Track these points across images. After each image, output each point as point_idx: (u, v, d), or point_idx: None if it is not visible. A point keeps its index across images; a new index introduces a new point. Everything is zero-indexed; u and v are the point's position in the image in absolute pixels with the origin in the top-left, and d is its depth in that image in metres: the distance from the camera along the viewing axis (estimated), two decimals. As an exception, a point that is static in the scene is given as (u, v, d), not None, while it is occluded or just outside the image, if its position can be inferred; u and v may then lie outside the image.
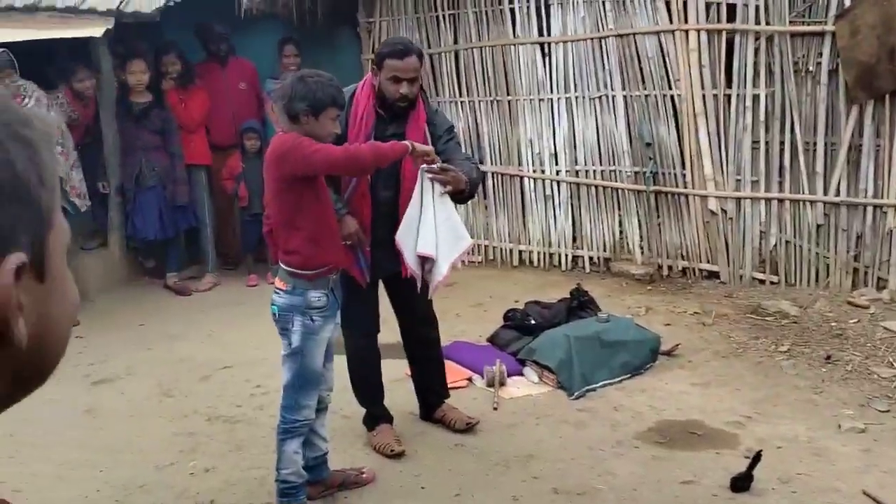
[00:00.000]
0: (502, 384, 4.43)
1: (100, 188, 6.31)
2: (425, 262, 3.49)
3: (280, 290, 3.13)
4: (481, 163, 6.48)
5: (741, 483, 3.39)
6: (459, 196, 3.49)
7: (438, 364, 4.11)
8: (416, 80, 3.53)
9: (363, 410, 3.93)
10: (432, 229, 3.42)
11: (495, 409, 4.20)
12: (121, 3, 5.81)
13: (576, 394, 4.32)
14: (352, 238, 3.51)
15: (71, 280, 0.71)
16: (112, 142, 6.21)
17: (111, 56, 6.18)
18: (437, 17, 6.73)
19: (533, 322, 5.04)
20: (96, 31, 5.68)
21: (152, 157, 6.17)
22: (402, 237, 3.50)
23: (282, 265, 3.14)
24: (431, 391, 4.08)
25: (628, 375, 4.54)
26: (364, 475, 3.46)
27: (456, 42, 6.74)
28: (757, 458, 3.40)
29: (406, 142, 3.28)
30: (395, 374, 4.62)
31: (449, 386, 4.44)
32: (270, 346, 5.12)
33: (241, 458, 3.74)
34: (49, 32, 5.62)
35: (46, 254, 0.65)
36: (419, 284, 3.56)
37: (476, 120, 6.64)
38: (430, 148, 3.41)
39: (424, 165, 3.38)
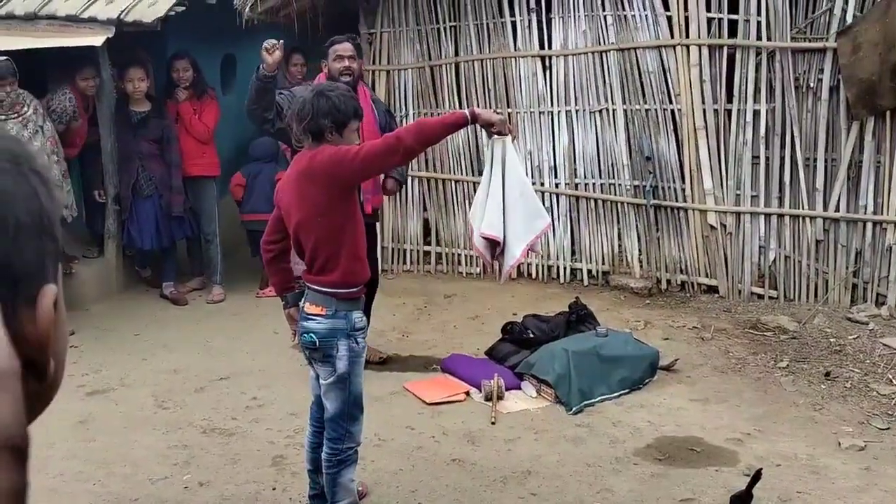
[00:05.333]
0: (500, 398, 4.40)
1: (96, 196, 6.29)
2: (496, 245, 3.26)
3: (317, 315, 2.99)
4: (480, 174, 6.46)
5: (740, 501, 3.35)
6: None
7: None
8: (354, 59, 4.64)
9: None
10: (499, 208, 3.18)
11: (493, 423, 4.17)
12: (122, 12, 5.79)
13: (574, 409, 4.29)
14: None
15: (63, 309, 0.69)
16: (110, 150, 6.19)
17: (110, 65, 6.16)
18: (439, 28, 6.73)
19: (531, 335, 5.01)
20: (97, 39, 5.67)
21: (149, 167, 6.15)
22: (472, 218, 3.32)
23: (317, 288, 3.01)
24: None
25: (627, 390, 4.52)
26: (359, 489, 3.42)
27: (457, 54, 6.73)
28: (757, 476, 3.37)
29: (465, 111, 3.12)
30: (394, 387, 4.60)
31: (446, 399, 4.43)
32: (267, 357, 5.11)
33: (235, 472, 3.70)
34: (49, 41, 5.62)
35: (60, 286, 0.64)
36: (490, 270, 3.44)
37: (476, 131, 6.63)
38: (499, 116, 3.22)
39: (496, 137, 3.20)
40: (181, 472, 3.72)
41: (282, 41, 4.44)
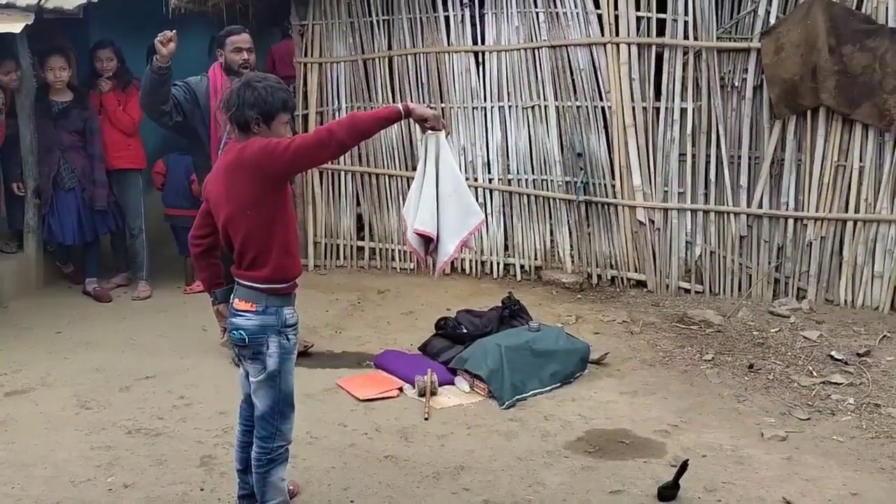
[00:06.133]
0: (433, 394, 4.39)
1: (14, 189, 6.05)
2: (430, 241, 3.24)
3: (246, 311, 2.93)
4: (413, 169, 6.48)
5: (668, 492, 3.42)
6: None
7: None
8: (252, 50, 4.67)
9: None
10: (432, 204, 3.17)
11: (426, 419, 4.17)
12: (41, -2, 5.58)
13: (506, 403, 4.32)
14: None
15: None
16: (29, 142, 5.96)
17: (30, 53, 5.93)
18: (371, 22, 6.68)
19: (465, 331, 5.02)
20: (15, 26, 5.45)
21: (71, 159, 5.95)
22: (405, 213, 3.29)
23: (247, 284, 2.94)
24: None
25: (558, 384, 4.56)
26: (290, 488, 3.37)
27: (390, 48, 6.69)
28: (683, 467, 3.45)
29: (398, 105, 3.05)
30: (327, 384, 4.55)
31: (379, 396, 4.41)
32: (194, 355, 5.00)
33: (162, 473, 3.61)
34: (-37, 26, 5.37)
35: None
36: (424, 265, 3.40)
37: (410, 126, 6.60)
38: (432, 112, 3.18)
39: (429, 132, 3.16)
40: (105, 473, 3.60)
41: (175, 31, 4.37)
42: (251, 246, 2.93)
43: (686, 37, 5.91)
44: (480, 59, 6.50)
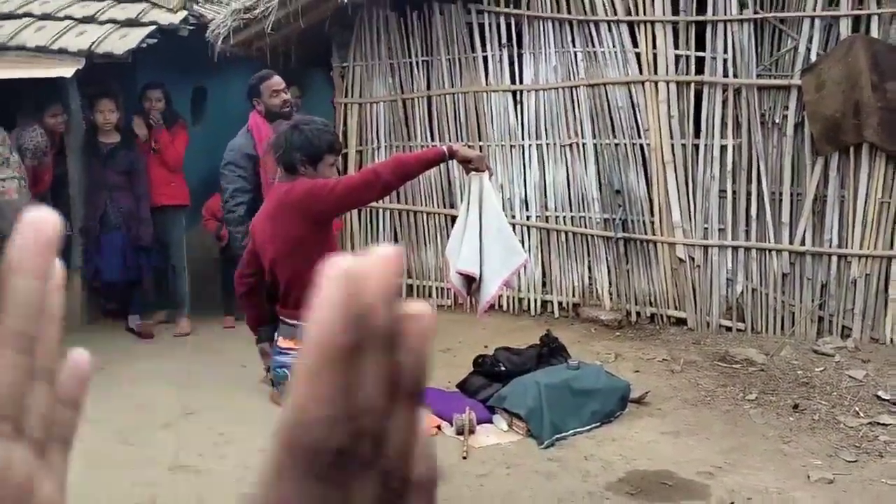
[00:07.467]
0: (472, 432, 4.37)
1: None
2: (472, 281, 3.29)
3: (291, 349, 2.96)
4: (452, 207, 6.53)
5: (712, 536, 3.36)
6: None
7: None
8: (287, 90, 4.77)
9: None
10: (476, 244, 3.23)
11: (465, 458, 4.14)
12: (92, 43, 5.77)
13: (546, 443, 4.28)
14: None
15: None
16: (78, 182, 6.13)
17: (79, 96, 6.12)
18: (411, 63, 6.78)
19: (503, 368, 5.00)
20: (67, 71, 5.63)
21: (117, 198, 6.10)
22: (449, 253, 3.36)
23: (292, 322, 2.98)
24: None
25: (598, 424, 4.51)
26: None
27: (429, 88, 6.78)
28: (728, 510, 3.38)
29: (442, 147, 3.10)
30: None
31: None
32: (235, 392, 5.04)
33: (203, 510, 3.63)
34: (18, 72, 5.57)
35: None
36: (465, 303, 3.44)
37: (447, 165, 6.65)
38: (476, 153, 3.26)
39: (473, 173, 3.24)
40: (146, 510, 3.63)
41: None
42: (296, 284, 2.96)
43: (725, 74, 5.90)
44: (518, 98, 6.55)
